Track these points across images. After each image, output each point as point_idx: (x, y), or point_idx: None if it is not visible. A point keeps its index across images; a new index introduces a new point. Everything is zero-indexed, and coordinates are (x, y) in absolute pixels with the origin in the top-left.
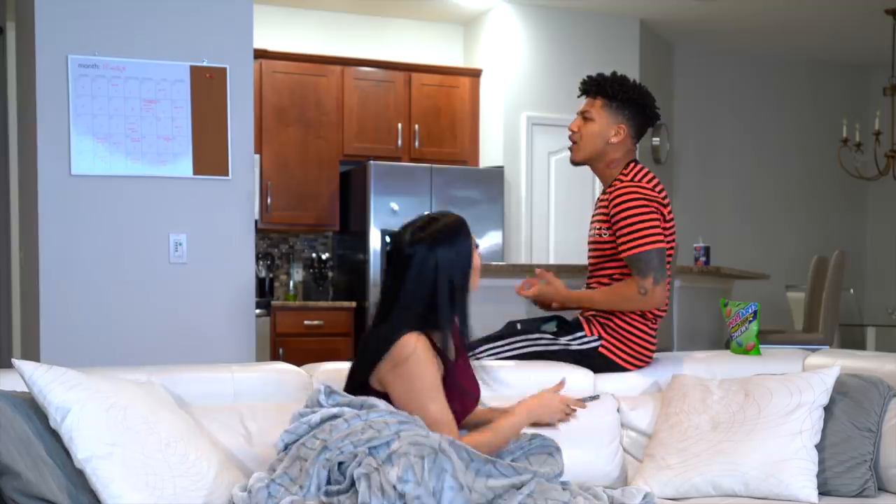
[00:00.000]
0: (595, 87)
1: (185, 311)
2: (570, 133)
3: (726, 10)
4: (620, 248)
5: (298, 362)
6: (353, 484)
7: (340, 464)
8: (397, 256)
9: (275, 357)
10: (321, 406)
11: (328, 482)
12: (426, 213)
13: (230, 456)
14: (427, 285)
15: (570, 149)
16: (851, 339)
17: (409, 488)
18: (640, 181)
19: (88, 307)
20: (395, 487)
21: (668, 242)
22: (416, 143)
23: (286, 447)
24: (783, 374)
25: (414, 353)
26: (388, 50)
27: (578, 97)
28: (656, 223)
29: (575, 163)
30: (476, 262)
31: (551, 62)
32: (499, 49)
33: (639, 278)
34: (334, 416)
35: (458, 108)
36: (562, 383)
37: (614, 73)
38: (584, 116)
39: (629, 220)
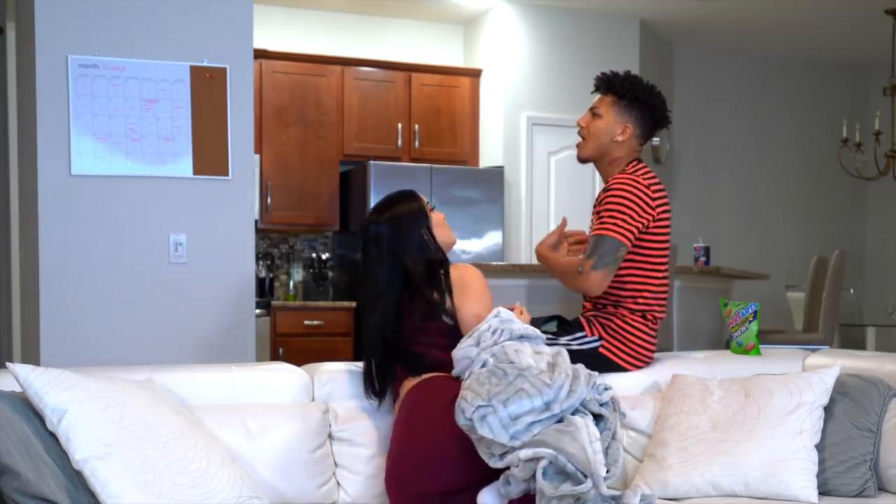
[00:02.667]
0: (606, 83)
1: (185, 311)
2: (579, 128)
3: (726, 10)
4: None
5: (298, 362)
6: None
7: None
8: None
9: (275, 357)
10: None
11: None
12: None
13: (231, 454)
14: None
15: (577, 145)
16: (851, 339)
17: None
18: (636, 175)
19: (88, 307)
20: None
21: (661, 242)
22: (416, 143)
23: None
24: (783, 374)
25: (472, 275)
26: (388, 50)
27: (592, 93)
28: (634, 220)
29: (581, 160)
30: (436, 218)
31: (551, 62)
32: (499, 49)
33: (584, 258)
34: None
35: (458, 108)
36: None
37: (628, 73)
38: (593, 112)
39: (610, 206)
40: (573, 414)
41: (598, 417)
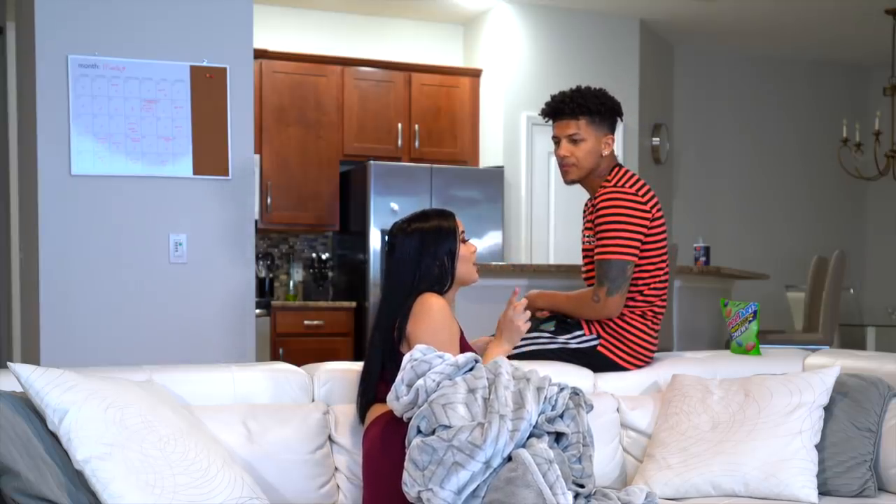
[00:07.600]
0: (576, 107)
1: (185, 311)
2: (563, 158)
3: (726, 10)
4: (594, 251)
5: (298, 362)
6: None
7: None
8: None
9: (275, 357)
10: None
11: None
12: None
13: (231, 454)
14: (412, 265)
15: (563, 171)
16: (851, 339)
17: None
18: (622, 185)
19: (88, 307)
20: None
21: (659, 241)
22: (416, 143)
23: None
24: (783, 374)
25: (434, 305)
26: (388, 50)
27: (547, 122)
28: (633, 234)
29: (570, 182)
30: (465, 249)
31: (551, 62)
32: (499, 49)
33: (596, 286)
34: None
35: (458, 108)
36: (514, 293)
37: (579, 88)
38: (573, 139)
39: (607, 226)
40: (528, 438)
41: (559, 434)
